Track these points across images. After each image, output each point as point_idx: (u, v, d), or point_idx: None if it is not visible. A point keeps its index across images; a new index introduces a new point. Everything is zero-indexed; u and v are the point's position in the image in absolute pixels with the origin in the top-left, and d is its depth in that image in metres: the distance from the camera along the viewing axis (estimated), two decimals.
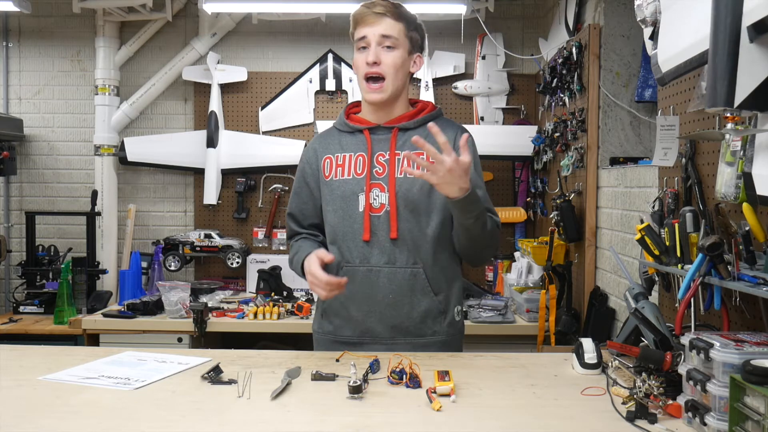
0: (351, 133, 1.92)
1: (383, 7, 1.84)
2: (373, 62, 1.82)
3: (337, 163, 1.89)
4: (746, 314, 1.49)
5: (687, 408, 1.24)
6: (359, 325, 1.86)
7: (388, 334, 1.85)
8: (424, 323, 1.86)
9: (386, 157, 1.86)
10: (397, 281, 1.83)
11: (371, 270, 1.84)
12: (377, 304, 1.84)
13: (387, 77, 1.83)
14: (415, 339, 1.85)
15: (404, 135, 1.88)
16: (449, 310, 1.89)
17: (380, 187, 1.84)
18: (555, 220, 3.01)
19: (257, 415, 1.30)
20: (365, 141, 1.88)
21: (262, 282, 3.52)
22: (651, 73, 1.92)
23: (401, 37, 1.85)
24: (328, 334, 1.92)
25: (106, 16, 3.86)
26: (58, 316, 3.26)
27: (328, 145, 1.94)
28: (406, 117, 1.90)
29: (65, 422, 1.26)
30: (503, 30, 3.94)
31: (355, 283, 1.84)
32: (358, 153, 1.88)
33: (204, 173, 3.87)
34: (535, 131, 3.67)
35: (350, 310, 1.87)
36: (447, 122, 1.94)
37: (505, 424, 1.26)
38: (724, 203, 1.48)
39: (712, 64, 1.13)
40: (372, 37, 1.83)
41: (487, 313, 3.03)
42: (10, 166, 3.74)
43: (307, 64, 4.00)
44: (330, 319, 1.91)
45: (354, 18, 1.86)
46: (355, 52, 1.87)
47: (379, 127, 1.90)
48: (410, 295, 1.83)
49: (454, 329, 1.91)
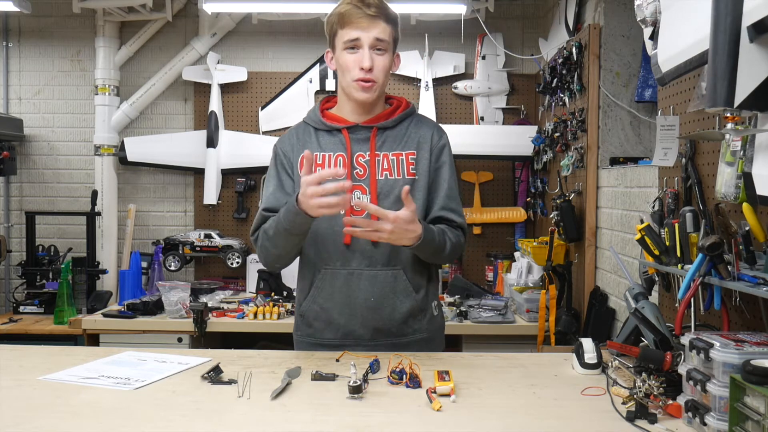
0: (328, 132, 1.88)
1: (376, 9, 1.78)
2: (369, 68, 1.78)
3: (316, 162, 1.84)
4: (746, 314, 1.49)
5: (687, 408, 1.24)
6: (341, 329, 1.84)
7: (370, 336, 1.83)
8: (406, 323, 1.85)
9: (366, 158, 1.83)
10: (378, 284, 1.81)
11: (352, 273, 1.82)
12: (358, 307, 1.82)
13: (378, 81, 1.81)
14: (396, 339, 1.84)
15: (383, 134, 1.86)
16: (428, 307, 1.90)
17: (361, 189, 1.82)
18: (555, 220, 3.01)
19: (257, 415, 1.30)
20: (344, 141, 1.85)
21: (262, 282, 3.52)
22: (651, 73, 1.93)
23: (390, 39, 1.82)
24: (308, 338, 1.89)
25: (106, 16, 3.86)
26: (58, 316, 3.26)
27: (305, 142, 1.88)
28: (384, 116, 1.88)
29: (65, 422, 1.26)
30: (503, 30, 3.94)
31: (335, 286, 1.83)
32: (337, 153, 1.84)
33: (204, 173, 3.87)
34: (535, 131, 3.68)
35: (331, 314, 1.84)
36: (422, 120, 1.93)
37: (505, 424, 1.26)
38: (724, 203, 1.48)
39: (712, 64, 1.13)
40: (366, 41, 1.78)
41: (487, 313, 3.03)
42: (10, 166, 3.74)
43: (307, 64, 4.00)
44: (310, 322, 1.88)
45: (342, 16, 1.79)
46: (342, 51, 1.81)
47: (357, 126, 1.86)
48: (392, 297, 1.82)
49: (433, 325, 1.91)
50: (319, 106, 1.95)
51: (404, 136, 1.87)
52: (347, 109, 1.89)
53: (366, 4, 1.78)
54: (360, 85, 1.81)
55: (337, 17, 1.81)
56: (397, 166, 1.84)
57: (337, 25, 1.82)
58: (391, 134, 1.87)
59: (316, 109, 1.93)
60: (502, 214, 3.92)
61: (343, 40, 1.81)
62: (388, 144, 1.85)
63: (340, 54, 1.83)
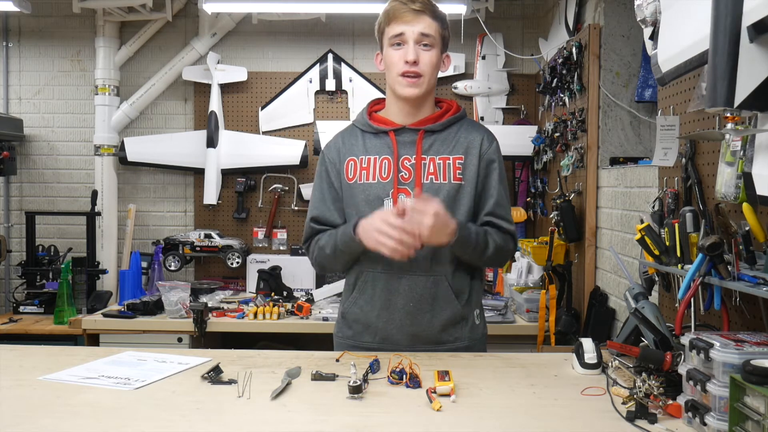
0: (375, 135, 1.87)
1: (422, 4, 1.78)
2: (414, 61, 1.77)
3: (362, 166, 1.84)
4: (746, 314, 1.49)
5: (687, 408, 1.24)
6: (379, 332, 1.84)
7: (408, 342, 1.81)
8: (446, 331, 1.83)
9: (412, 161, 1.81)
10: (418, 289, 1.80)
11: (393, 277, 1.81)
12: (397, 312, 1.81)
13: (424, 75, 1.80)
14: (435, 347, 1.82)
15: (431, 137, 1.84)
16: (470, 315, 1.87)
17: (406, 193, 1.80)
18: (555, 220, 3.01)
19: (257, 415, 1.30)
20: (390, 144, 1.83)
21: (262, 282, 3.52)
22: (651, 73, 1.92)
23: (437, 36, 1.81)
24: (348, 339, 1.89)
25: (106, 16, 3.86)
26: (58, 316, 3.26)
27: (351, 146, 1.88)
28: (432, 119, 1.86)
29: (65, 422, 1.26)
30: (503, 30, 3.94)
31: (376, 289, 1.82)
32: (383, 156, 1.83)
33: (204, 173, 3.87)
34: (535, 131, 3.67)
35: (370, 317, 1.84)
36: (472, 124, 1.91)
37: (505, 424, 1.26)
38: (724, 203, 1.48)
39: (712, 64, 1.13)
40: (410, 35, 1.78)
41: (487, 313, 3.03)
42: (10, 166, 3.74)
43: (307, 64, 4.00)
44: (350, 324, 1.89)
45: (388, 13, 1.80)
46: (388, 48, 1.81)
47: (404, 129, 1.84)
48: (431, 303, 1.81)
49: (475, 333, 1.88)
50: (367, 108, 1.93)
51: (453, 141, 1.84)
52: (394, 110, 1.88)
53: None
54: (407, 81, 1.79)
55: (384, 15, 1.82)
56: (444, 170, 1.81)
57: (383, 23, 1.83)
58: (439, 138, 1.84)
59: (364, 112, 1.92)
60: None
61: (388, 36, 1.81)
62: (436, 147, 1.83)
63: (387, 51, 1.83)
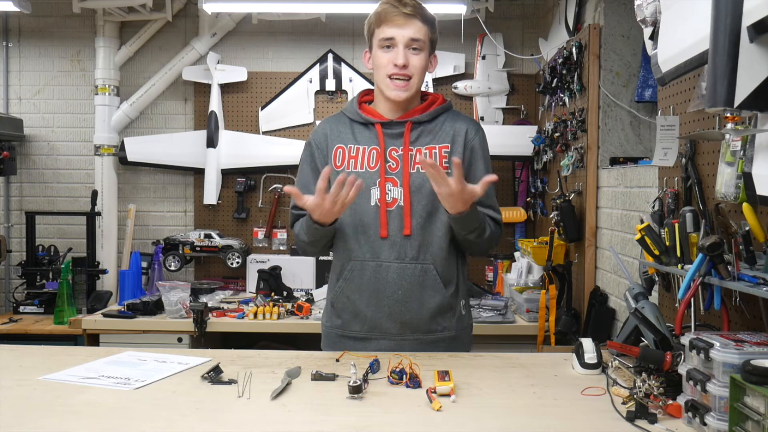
0: (363, 125, 1.90)
1: (412, 8, 1.80)
2: (403, 65, 1.80)
3: (350, 154, 1.87)
4: (746, 314, 1.49)
5: (687, 408, 1.24)
6: (368, 321, 1.85)
7: (397, 330, 1.84)
8: (434, 320, 1.85)
9: (399, 152, 1.85)
10: (406, 277, 1.82)
11: (380, 265, 1.83)
12: (386, 300, 1.83)
13: (413, 77, 1.83)
14: (424, 335, 1.85)
15: (418, 128, 1.88)
16: (456, 305, 1.89)
17: (393, 182, 1.84)
18: (555, 220, 3.01)
19: (257, 415, 1.30)
20: (377, 135, 1.87)
21: (262, 282, 3.52)
22: (651, 73, 1.92)
23: (426, 39, 1.83)
24: (336, 329, 1.91)
25: (106, 16, 3.86)
26: (58, 316, 3.26)
27: (339, 133, 1.91)
28: (419, 110, 1.89)
29: (65, 422, 1.26)
30: (503, 30, 3.94)
31: (364, 278, 1.84)
32: (371, 146, 1.87)
33: (204, 173, 3.87)
34: (535, 131, 3.67)
35: (359, 306, 1.86)
36: (458, 115, 1.94)
37: (505, 424, 1.26)
38: (724, 203, 1.48)
39: (712, 64, 1.13)
40: (401, 39, 1.80)
41: (487, 313, 3.03)
42: (10, 166, 3.74)
43: (307, 64, 4.00)
44: (338, 313, 1.90)
45: (379, 15, 1.82)
46: (378, 49, 1.84)
47: (391, 122, 1.88)
48: (420, 291, 1.83)
49: (461, 324, 1.91)
50: (357, 98, 1.96)
51: (439, 131, 1.88)
52: (382, 107, 1.91)
53: (402, 3, 1.80)
54: (395, 84, 1.82)
55: (375, 17, 1.84)
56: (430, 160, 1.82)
57: (374, 24, 1.85)
58: (426, 128, 1.88)
59: (354, 101, 1.95)
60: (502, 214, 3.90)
61: (378, 38, 1.83)
62: (423, 138, 1.87)
63: (376, 52, 1.85)
